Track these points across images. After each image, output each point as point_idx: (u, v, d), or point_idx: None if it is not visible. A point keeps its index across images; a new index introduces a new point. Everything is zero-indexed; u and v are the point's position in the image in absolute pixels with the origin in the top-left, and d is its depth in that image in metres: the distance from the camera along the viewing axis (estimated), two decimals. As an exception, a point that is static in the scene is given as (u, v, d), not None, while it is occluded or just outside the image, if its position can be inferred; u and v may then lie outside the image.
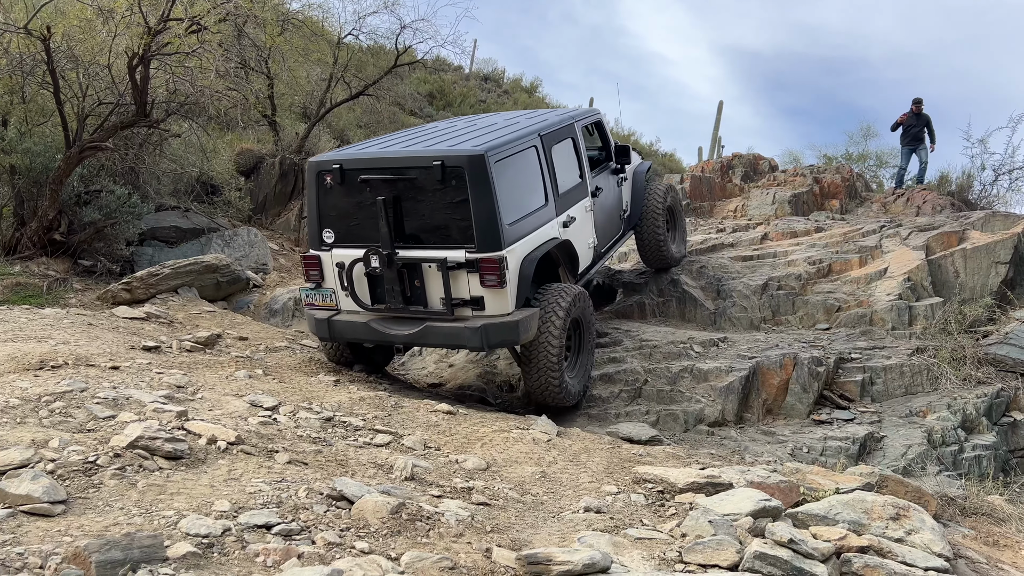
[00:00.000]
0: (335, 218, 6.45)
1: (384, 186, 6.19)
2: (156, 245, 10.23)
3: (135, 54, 8.88)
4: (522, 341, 6.24)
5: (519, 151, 6.57)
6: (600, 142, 8.53)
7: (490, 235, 6.03)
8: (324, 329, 6.56)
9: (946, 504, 5.17)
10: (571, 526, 3.88)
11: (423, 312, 6.30)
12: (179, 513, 3.22)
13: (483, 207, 6.02)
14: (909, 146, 13.93)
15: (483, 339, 6.09)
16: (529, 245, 6.42)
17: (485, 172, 6.00)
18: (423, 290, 6.26)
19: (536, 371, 6.41)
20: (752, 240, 10.95)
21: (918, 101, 13.71)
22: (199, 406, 4.93)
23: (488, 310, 6.15)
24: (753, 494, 4.05)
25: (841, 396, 7.29)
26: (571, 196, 7.26)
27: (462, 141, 6.53)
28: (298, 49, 12.20)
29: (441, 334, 6.25)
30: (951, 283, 8.98)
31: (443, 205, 6.12)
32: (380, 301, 6.40)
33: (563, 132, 7.36)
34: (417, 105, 22.97)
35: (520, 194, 6.48)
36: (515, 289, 6.18)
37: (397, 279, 6.25)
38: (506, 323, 6.09)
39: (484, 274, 6.04)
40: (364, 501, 3.53)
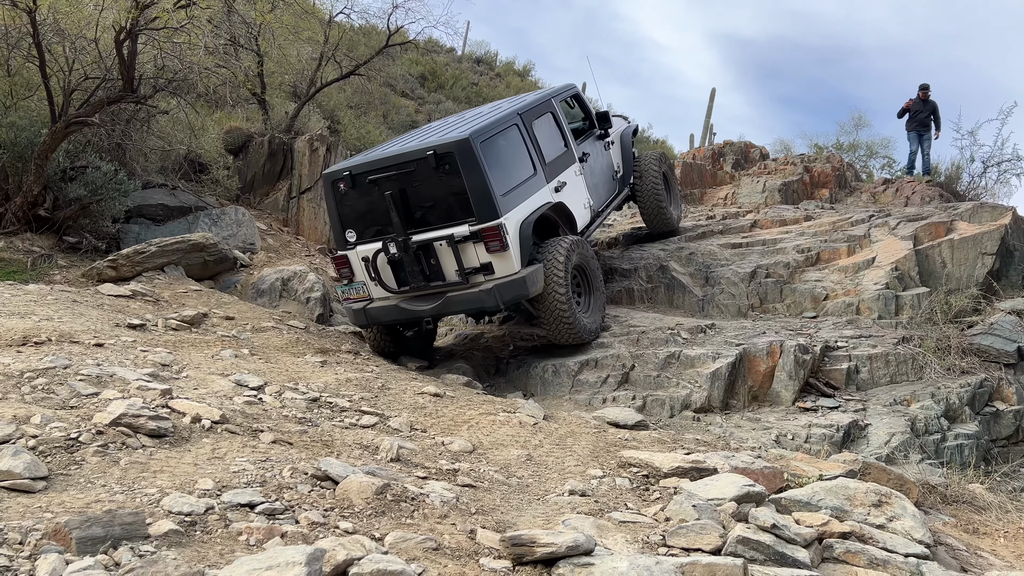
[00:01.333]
0: (354, 219, 7.32)
1: (389, 182, 7.03)
2: (143, 223, 10.13)
3: (122, 28, 8.75)
4: (532, 294, 6.99)
5: (501, 130, 7.38)
6: (582, 113, 9.39)
7: (487, 207, 6.84)
8: (362, 317, 7.38)
9: (928, 492, 5.21)
10: (556, 509, 3.89)
11: (442, 286, 7.08)
12: (162, 491, 3.20)
13: (476, 183, 6.82)
14: (915, 131, 13.85)
15: (497, 298, 6.86)
16: (524, 211, 7.23)
17: (473, 153, 6.82)
18: (439, 266, 7.07)
19: (551, 317, 7.25)
20: (741, 228, 10.95)
21: (925, 87, 13.64)
22: (184, 385, 4.90)
23: (497, 273, 6.95)
24: (737, 479, 4.07)
25: (827, 384, 7.33)
26: (559, 164, 8.09)
27: (450, 132, 7.34)
28: (288, 27, 12.07)
29: (461, 301, 7.05)
30: (938, 273, 9.02)
31: (442, 188, 6.94)
32: (404, 283, 7.20)
33: (541, 108, 8.17)
34: (409, 87, 22.81)
35: (508, 168, 7.26)
36: (518, 250, 6.98)
37: (415, 261, 7.07)
38: (514, 281, 6.87)
39: (488, 241, 6.85)
40: (349, 481, 3.52)
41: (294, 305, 9.05)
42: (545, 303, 7.17)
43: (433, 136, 7.44)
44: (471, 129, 7.05)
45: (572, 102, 9.16)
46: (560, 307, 7.16)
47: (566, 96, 8.96)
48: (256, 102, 13.02)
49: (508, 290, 6.87)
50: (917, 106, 13.73)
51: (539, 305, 7.23)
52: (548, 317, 7.28)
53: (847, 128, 18.97)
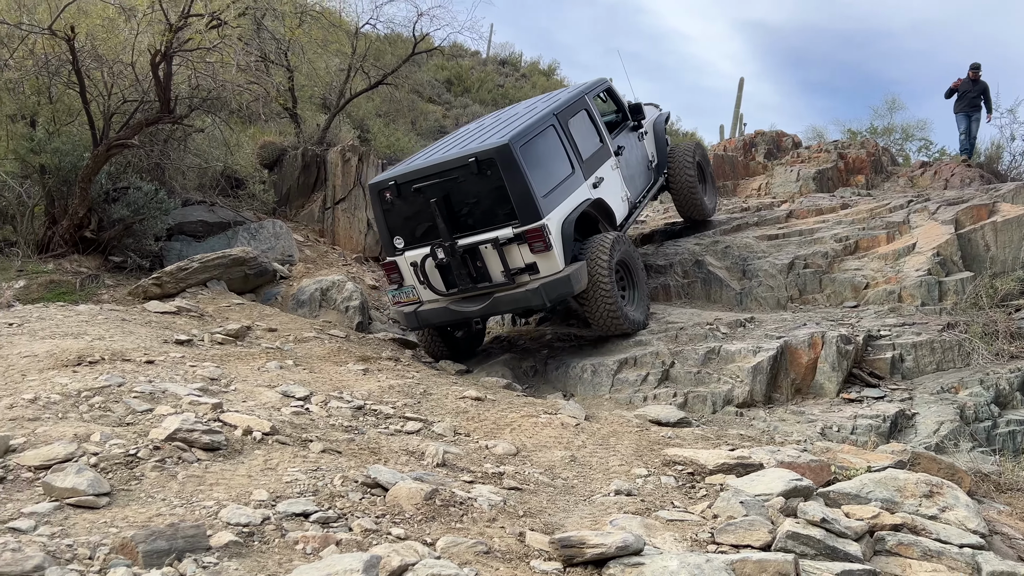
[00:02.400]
0: (401, 226, 7.56)
1: (433, 189, 7.25)
2: (184, 239, 10.37)
3: (157, 51, 8.98)
4: (576, 291, 7.18)
5: (539, 133, 7.53)
6: (615, 106, 9.49)
7: (529, 209, 7.03)
8: (413, 320, 7.69)
9: (980, 480, 5.13)
10: (602, 509, 3.91)
11: (489, 287, 7.30)
12: (219, 503, 3.29)
13: (518, 187, 7.01)
14: (964, 112, 13.25)
15: (543, 296, 7.06)
16: (565, 210, 7.41)
17: (513, 158, 7.00)
18: (485, 268, 7.28)
19: (598, 311, 7.44)
20: (777, 218, 10.85)
21: (976, 67, 13.04)
22: (233, 398, 5.02)
23: (542, 272, 7.14)
24: (784, 474, 4.05)
25: (871, 374, 7.23)
26: (595, 159, 8.23)
27: (490, 136, 7.51)
28: (317, 41, 12.25)
29: (508, 301, 7.26)
30: (982, 257, 8.85)
31: (485, 193, 7.14)
32: (452, 286, 7.43)
33: (576, 106, 8.31)
34: (435, 92, 22.95)
35: (548, 169, 7.43)
36: (560, 249, 7.16)
37: (462, 264, 7.29)
38: (560, 279, 7.06)
39: (531, 242, 7.05)
40: (398, 488, 3.58)
41: (334, 314, 9.18)
42: (591, 298, 7.37)
43: (472, 142, 7.62)
44: (510, 134, 7.20)
45: (605, 96, 9.29)
46: (606, 302, 7.37)
47: (599, 91, 9.11)
48: (288, 116, 13.24)
49: (554, 288, 7.07)
50: (966, 86, 13.12)
51: (585, 301, 7.43)
52: (595, 312, 7.47)
53: (881, 112, 18.70)
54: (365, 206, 11.98)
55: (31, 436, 3.81)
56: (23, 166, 9.56)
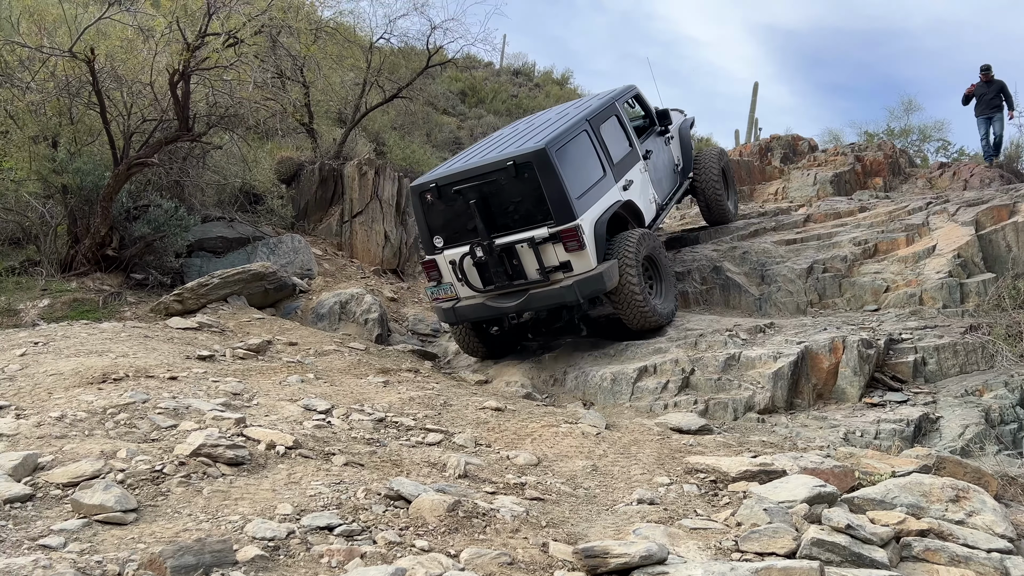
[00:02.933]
0: (440, 226, 7.88)
1: (472, 191, 7.59)
2: (204, 256, 10.48)
3: (175, 70, 9.11)
4: (608, 288, 7.48)
5: (573, 138, 7.87)
6: (643, 111, 9.82)
7: (564, 210, 7.36)
8: (451, 315, 7.99)
9: (1007, 484, 5.07)
10: (625, 518, 3.91)
11: (524, 284, 7.65)
12: (244, 518, 3.33)
13: (554, 189, 7.34)
14: (984, 115, 13.06)
15: (577, 292, 7.39)
16: (597, 211, 7.75)
17: (549, 161, 7.33)
18: (521, 266, 7.61)
19: (628, 307, 7.76)
20: (795, 223, 10.79)
21: (986, 68, 12.88)
22: (255, 412, 5.07)
23: (576, 270, 7.47)
24: (807, 480, 4.03)
25: (893, 378, 7.17)
26: (625, 163, 8.57)
27: (526, 141, 7.84)
28: (332, 56, 12.36)
29: (542, 297, 7.59)
30: (1003, 258, 8.75)
31: (522, 194, 7.47)
32: (489, 283, 7.77)
33: (607, 112, 8.65)
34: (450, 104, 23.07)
35: (581, 172, 7.77)
36: (593, 248, 7.50)
37: (499, 262, 7.61)
38: (592, 276, 7.38)
39: (566, 242, 7.38)
40: (421, 500, 3.60)
41: (353, 327, 9.24)
42: (621, 294, 7.67)
43: (510, 146, 7.96)
44: (547, 139, 7.55)
45: (633, 102, 9.61)
46: (635, 296, 7.68)
47: (628, 97, 9.43)
48: (305, 131, 13.36)
49: (587, 285, 7.39)
50: (981, 89, 12.94)
51: (616, 296, 7.72)
52: (625, 306, 7.77)
53: (897, 113, 18.59)
54: (383, 219, 12.06)
55: (59, 454, 3.87)
56: (45, 186, 9.71)
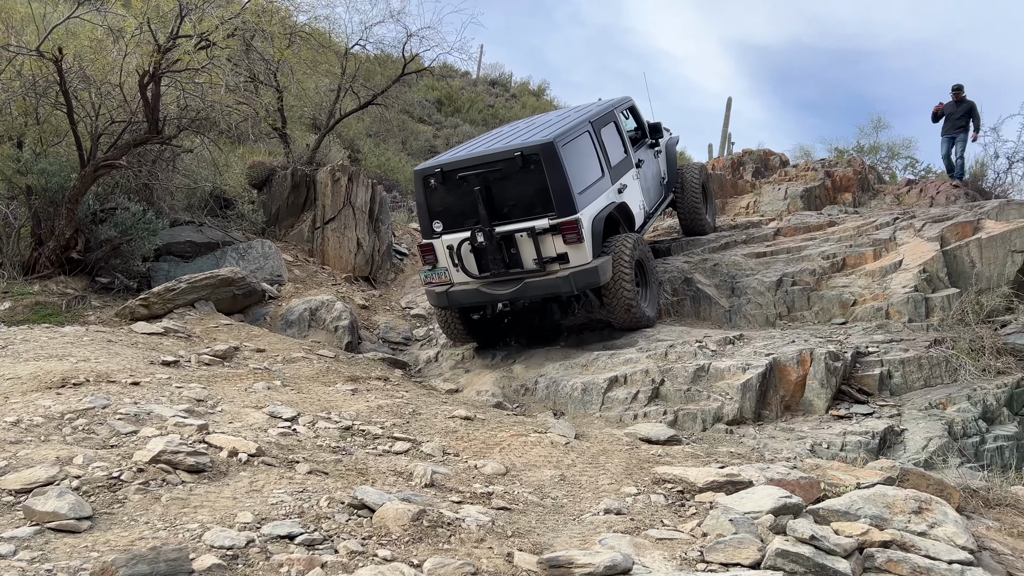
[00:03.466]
0: (441, 211, 8.05)
1: (478, 178, 7.79)
2: (172, 260, 10.32)
3: (146, 72, 8.99)
4: (602, 283, 7.80)
5: (578, 136, 8.21)
6: (635, 123, 10.26)
7: (566, 203, 7.64)
8: (444, 299, 8.22)
9: (969, 496, 5.13)
10: (592, 528, 3.89)
11: (521, 272, 7.86)
12: (203, 526, 3.26)
13: (558, 182, 7.61)
14: (949, 134, 13.23)
15: (572, 284, 7.67)
16: (596, 208, 8.05)
17: (556, 155, 7.61)
18: (518, 255, 7.83)
19: (618, 304, 8.05)
20: (765, 236, 10.90)
21: (958, 88, 13.06)
22: (219, 419, 4.98)
23: (572, 262, 7.72)
24: (773, 491, 4.04)
25: (859, 390, 7.25)
26: (620, 168, 8.96)
27: (532, 135, 8.10)
28: (306, 61, 12.28)
29: (538, 286, 7.84)
30: (967, 273, 8.91)
31: (526, 185, 7.71)
32: (485, 270, 7.96)
33: (607, 118, 9.07)
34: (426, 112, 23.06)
35: (583, 169, 8.08)
36: (590, 243, 7.75)
37: (497, 249, 7.81)
38: (588, 270, 7.67)
39: (566, 234, 7.63)
40: (385, 509, 3.55)
41: (323, 334, 9.15)
42: (612, 291, 7.98)
43: (514, 139, 8.19)
44: (554, 133, 7.84)
45: (627, 113, 10.01)
46: (626, 295, 7.98)
47: (625, 107, 9.88)
48: (277, 136, 13.25)
49: (582, 278, 7.67)
50: (950, 108, 13.13)
51: (607, 293, 8.03)
52: (614, 304, 8.07)
53: (867, 130, 18.92)
54: (355, 226, 11.98)
55: (12, 459, 3.77)
56: (10, 187, 9.51)
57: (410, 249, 13.47)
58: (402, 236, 13.92)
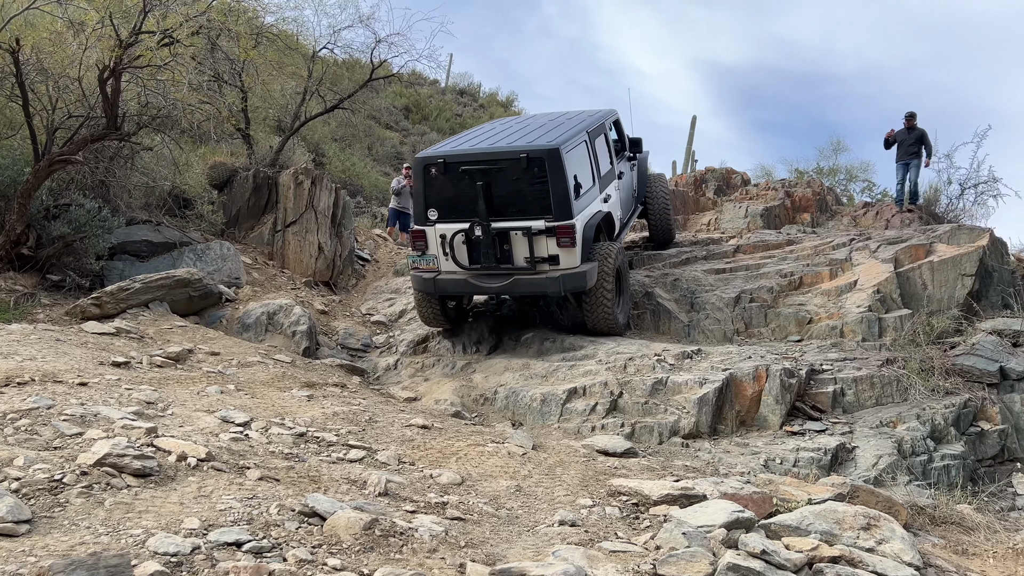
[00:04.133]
0: (438, 200, 8.20)
1: (480, 174, 7.97)
2: (127, 259, 10.10)
3: (106, 67, 8.81)
4: (588, 287, 8.09)
5: (579, 144, 8.46)
6: (618, 136, 10.49)
7: (565, 208, 7.91)
8: (430, 285, 8.43)
9: (916, 513, 5.23)
10: (546, 540, 3.87)
11: (511, 269, 8.13)
12: (147, 531, 3.17)
13: (559, 187, 7.87)
14: (903, 161, 13.39)
15: (561, 285, 7.98)
16: (588, 215, 8.36)
17: (560, 160, 7.84)
18: (511, 252, 8.08)
19: (597, 309, 8.32)
20: (725, 253, 11.04)
21: (910, 115, 13.17)
22: (169, 422, 4.86)
23: (562, 264, 8.01)
24: (726, 506, 4.07)
25: (813, 407, 7.36)
26: (607, 178, 9.27)
27: (536, 138, 8.32)
28: (272, 62, 12.15)
29: (527, 284, 8.12)
30: (919, 295, 9.12)
31: (527, 186, 7.92)
32: (476, 262, 8.19)
33: (600, 129, 9.33)
34: (393, 119, 22.99)
35: (580, 176, 8.32)
36: (581, 248, 8.04)
37: (492, 244, 8.03)
38: (577, 273, 7.99)
39: (560, 237, 7.91)
40: (336, 517, 3.50)
41: (280, 339, 9.02)
42: (594, 297, 8.25)
43: (519, 138, 8.41)
44: (559, 139, 8.08)
45: (612, 126, 10.24)
46: (606, 302, 8.28)
47: (612, 120, 10.16)
48: (240, 137, 13.08)
49: (571, 280, 7.97)
50: (902, 135, 13.27)
51: (588, 298, 8.29)
52: (595, 309, 8.32)
53: (826, 153, 19.29)
54: (317, 230, 11.86)
55: (-51, 460, 3.63)
56: (-41, 179, 9.24)
57: (372, 255, 13.37)
58: (364, 242, 13.82)
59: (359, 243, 13.47)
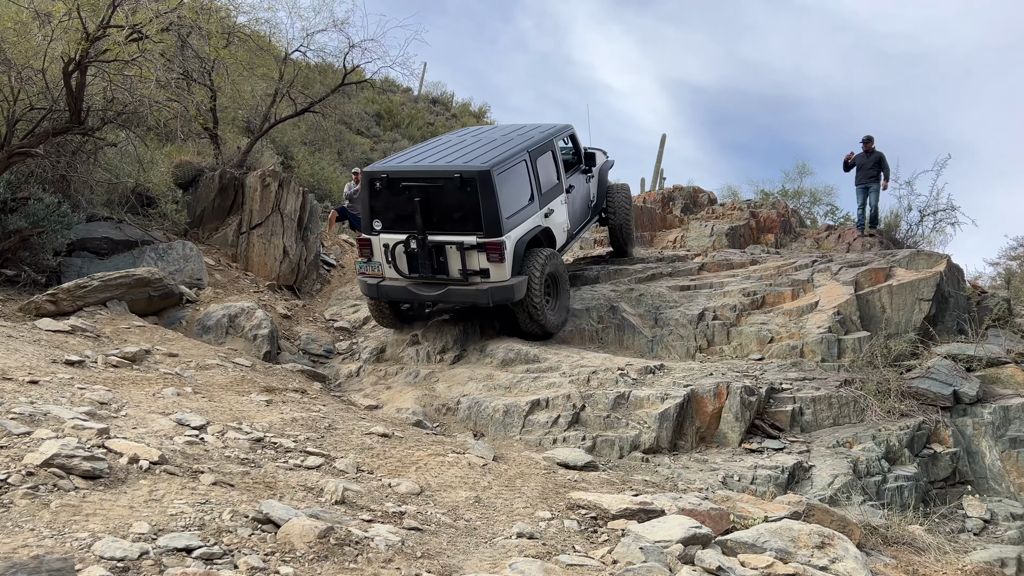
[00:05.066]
0: (381, 211, 8.69)
1: (418, 190, 8.42)
2: (85, 256, 9.88)
3: (72, 59, 8.63)
4: (516, 300, 8.51)
5: (514, 165, 8.80)
6: (574, 150, 10.89)
7: (494, 225, 8.31)
8: (374, 291, 8.95)
9: (869, 533, 5.30)
10: (503, 552, 3.85)
11: (446, 279, 8.60)
12: (94, 535, 3.08)
13: (489, 206, 8.27)
14: (862, 184, 13.56)
15: (490, 298, 8.42)
16: (520, 232, 8.74)
17: (491, 182, 8.25)
18: (446, 263, 8.56)
19: (527, 315, 8.78)
20: (690, 270, 11.15)
21: (868, 139, 13.34)
22: (122, 424, 4.75)
23: (492, 278, 8.46)
24: (684, 521, 4.08)
25: (772, 425, 7.44)
26: (550, 194, 9.61)
27: (474, 157, 8.67)
28: (243, 63, 12.00)
29: (460, 294, 8.63)
30: (878, 318, 9.29)
31: (460, 203, 8.36)
32: (415, 271, 8.67)
33: (545, 146, 9.67)
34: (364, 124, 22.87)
35: (515, 195, 8.72)
36: (510, 263, 8.49)
37: (428, 256, 8.52)
38: (506, 287, 8.42)
39: (489, 253, 8.35)
40: (291, 524, 3.44)
41: (241, 342, 8.88)
42: (523, 304, 8.67)
43: (458, 156, 8.82)
44: (491, 161, 8.43)
45: (568, 140, 10.65)
46: (535, 307, 8.70)
47: (565, 135, 10.47)
48: (208, 136, 12.90)
49: (499, 293, 8.41)
50: (861, 159, 13.46)
51: (518, 307, 8.71)
52: (524, 314, 8.78)
53: (792, 175, 19.54)
54: (283, 233, 11.73)
55: None
56: (-88, 168, 8.96)
57: (338, 260, 13.26)
58: (331, 247, 13.70)
59: (325, 248, 13.35)
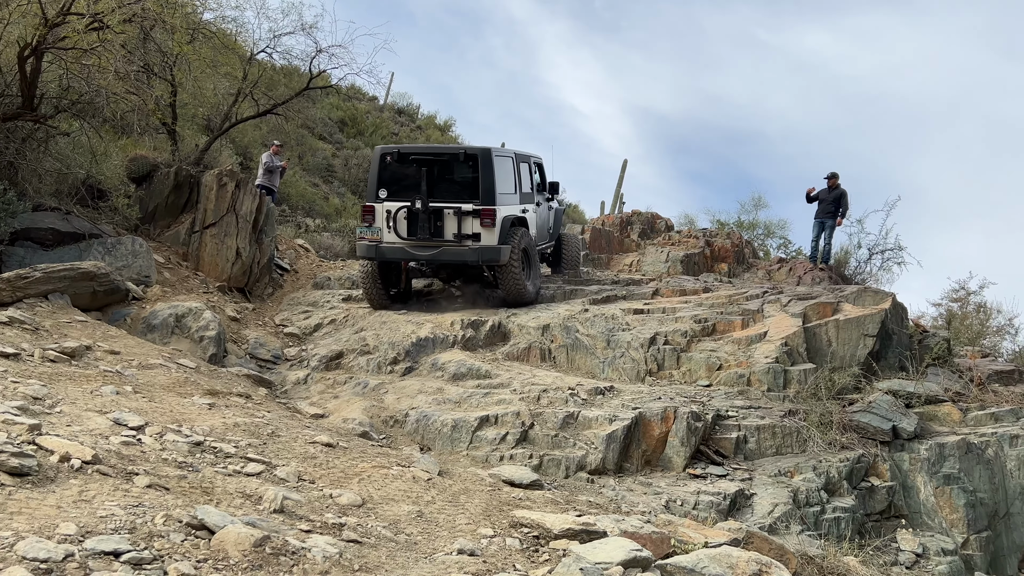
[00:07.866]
0: (389, 182, 10.21)
1: (427, 164, 10.04)
2: (29, 246, 9.59)
3: (27, 44, 8.42)
4: (501, 261, 10.03)
5: (506, 156, 10.73)
6: (540, 177, 12.45)
7: (490, 195, 10.00)
8: (373, 252, 10.19)
9: (805, 563, 5.37)
10: (443, 568, 3.80)
11: (441, 241, 10.06)
12: (17, 535, 2.96)
13: (487, 178, 10.02)
14: (820, 219, 13.83)
15: (479, 256, 9.97)
16: (507, 210, 10.34)
17: (490, 159, 10.08)
18: (442, 227, 10.04)
19: (508, 279, 10.27)
20: (644, 295, 11.26)
21: (833, 175, 13.56)
22: (56, 420, 4.60)
23: (483, 241, 9.97)
24: (625, 543, 4.08)
25: (716, 452, 7.51)
26: (526, 197, 11.30)
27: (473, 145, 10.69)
28: (206, 60, 11.83)
29: (452, 253, 10.09)
30: (824, 351, 9.48)
31: (462, 176, 10.11)
32: (413, 234, 10.09)
33: (525, 159, 11.58)
34: (327, 130, 22.68)
35: (504, 181, 10.43)
36: (499, 231, 10.00)
37: (428, 219, 9.99)
38: (493, 248, 9.95)
39: (483, 218, 9.92)
40: (226, 532, 3.35)
41: (186, 343, 8.69)
42: (507, 271, 10.19)
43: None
44: (491, 146, 10.29)
45: (535, 168, 12.20)
46: (515, 272, 10.18)
47: (536, 161, 12.32)
48: (166, 132, 12.66)
49: (487, 253, 9.92)
50: (823, 194, 13.73)
51: (502, 271, 10.21)
52: (506, 279, 10.24)
53: (747, 207, 19.96)
54: (237, 234, 11.52)
55: None
56: None
57: (292, 265, 13.07)
58: (285, 251, 13.50)
59: (279, 252, 13.15)
